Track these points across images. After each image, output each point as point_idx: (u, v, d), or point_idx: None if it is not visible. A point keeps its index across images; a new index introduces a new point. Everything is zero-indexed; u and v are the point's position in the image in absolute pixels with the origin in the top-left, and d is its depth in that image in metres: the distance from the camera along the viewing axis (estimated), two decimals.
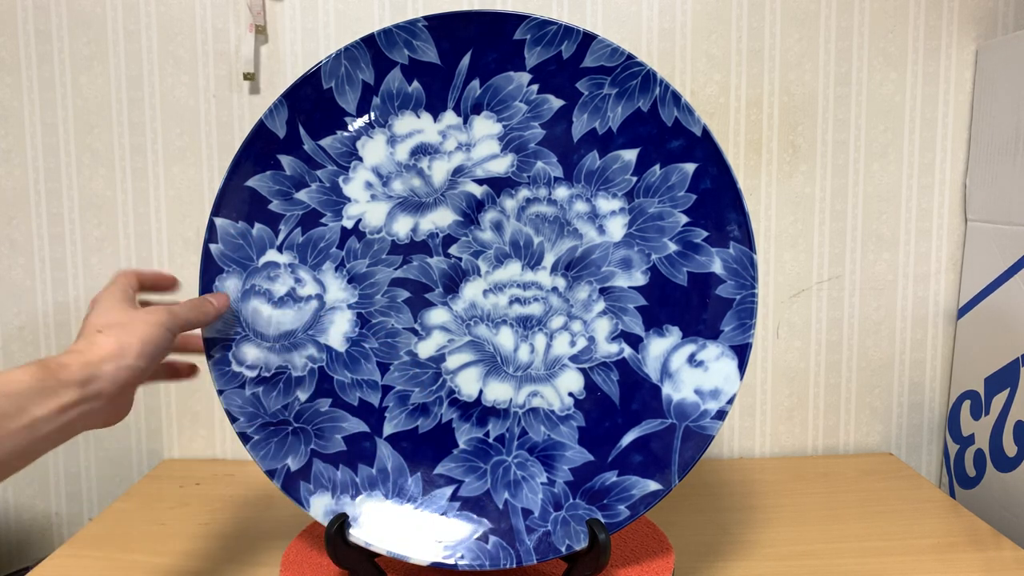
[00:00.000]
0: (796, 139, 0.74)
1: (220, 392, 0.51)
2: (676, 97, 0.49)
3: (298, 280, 0.52)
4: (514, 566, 0.48)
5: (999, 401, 0.68)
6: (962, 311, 0.75)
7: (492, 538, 0.49)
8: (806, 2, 0.73)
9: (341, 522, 0.48)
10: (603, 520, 0.48)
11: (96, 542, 0.59)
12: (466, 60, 0.51)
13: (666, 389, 0.50)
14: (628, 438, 0.50)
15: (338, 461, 0.51)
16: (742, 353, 0.49)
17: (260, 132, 0.50)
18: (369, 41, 0.50)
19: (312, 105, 0.51)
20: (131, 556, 0.57)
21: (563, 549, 0.48)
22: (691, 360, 0.50)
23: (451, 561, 0.48)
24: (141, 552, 0.57)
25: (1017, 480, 0.66)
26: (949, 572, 0.54)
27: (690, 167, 0.50)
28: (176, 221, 0.74)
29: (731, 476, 0.71)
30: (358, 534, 0.48)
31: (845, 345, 0.76)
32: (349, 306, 0.52)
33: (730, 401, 0.49)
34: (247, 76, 0.71)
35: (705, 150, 0.49)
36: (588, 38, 0.50)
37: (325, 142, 0.51)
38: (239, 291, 0.51)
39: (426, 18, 0.50)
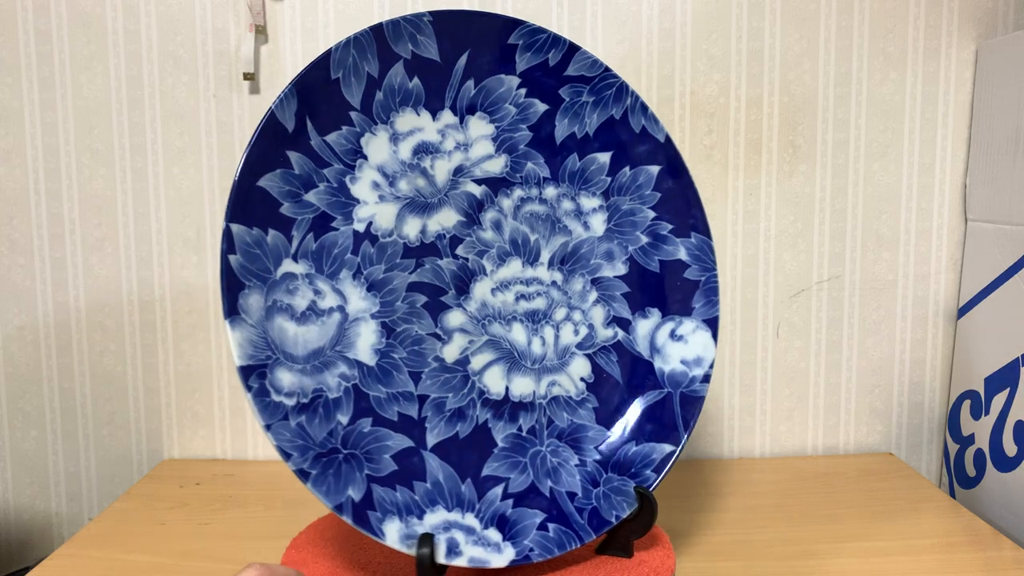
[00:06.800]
0: (796, 139, 0.74)
1: (267, 427, 0.46)
2: (644, 108, 0.54)
3: (317, 292, 0.48)
4: (579, 546, 0.51)
5: (999, 401, 0.68)
6: (962, 311, 0.75)
7: (551, 525, 0.51)
8: (806, 2, 0.73)
9: (430, 545, 0.47)
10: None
11: (96, 542, 0.59)
12: (463, 60, 0.51)
13: (657, 363, 0.55)
14: (636, 411, 0.55)
15: (394, 482, 0.49)
16: (713, 325, 0.55)
17: (270, 124, 0.47)
18: (377, 31, 0.49)
19: (320, 97, 0.48)
20: (131, 556, 0.57)
21: (613, 520, 0.52)
22: (673, 335, 0.55)
23: (524, 556, 0.49)
24: (141, 552, 0.57)
25: (1017, 480, 0.66)
26: (949, 572, 0.54)
27: (655, 169, 0.55)
28: (176, 221, 0.74)
29: (731, 476, 0.71)
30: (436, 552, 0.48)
31: (845, 345, 0.76)
32: (372, 316, 0.50)
33: (711, 366, 0.54)
34: (247, 76, 0.71)
35: (667, 154, 0.55)
36: (573, 48, 0.53)
37: (331, 138, 0.49)
38: (262, 309, 0.47)
39: (432, 13, 0.50)
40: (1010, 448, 0.66)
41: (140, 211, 0.74)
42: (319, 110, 0.49)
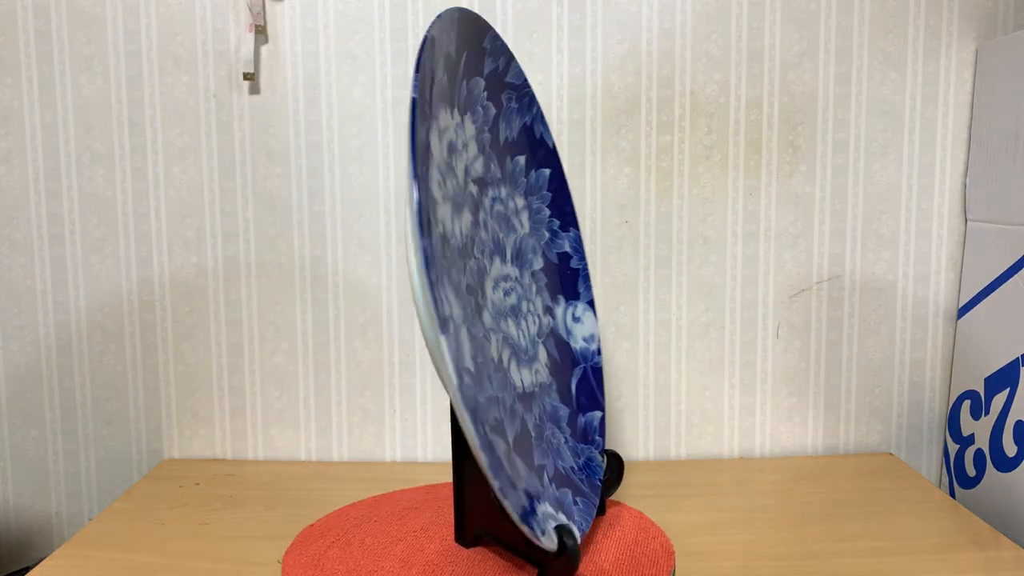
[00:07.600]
0: (796, 139, 0.74)
1: None
2: (542, 117, 0.60)
3: (446, 299, 0.46)
4: (596, 512, 0.56)
5: (999, 401, 0.68)
6: (962, 311, 0.75)
7: (578, 499, 0.55)
8: (806, 2, 0.73)
9: (573, 536, 0.47)
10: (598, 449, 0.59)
11: (96, 542, 0.59)
12: (463, 59, 0.51)
13: (572, 343, 0.62)
14: (573, 386, 0.61)
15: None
16: (593, 305, 0.63)
17: (415, 118, 0.43)
18: (437, 22, 0.47)
19: (423, 87, 0.46)
20: (131, 556, 0.57)
21: (599, 483, 0.57)
22: (574, 318, 0.63)
23: (582, 531, 0.52)
24: (141, 552, 0.57)
25: (1017, 480, 0.66)
26: (949, 572, 0.54)
27: (547, 171, 0.61)
28: (176, 221, 0.74)
29: (731, 476, 0.71)
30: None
31: (845, 345, 0.76)
32: (462, 321, 0.48)
33: (599, 340, 0.62)
34: (247, 76, 0.71)
35: (554, 159, 0.61)
36: (511, 57, 0.57)
37: (419, 133, 0.46)
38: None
39: (458, 10, 0.50)
40: (1010, 448, 0.66)
41: (140, 211, 0.74)
42: (423, 102, 0.46)
